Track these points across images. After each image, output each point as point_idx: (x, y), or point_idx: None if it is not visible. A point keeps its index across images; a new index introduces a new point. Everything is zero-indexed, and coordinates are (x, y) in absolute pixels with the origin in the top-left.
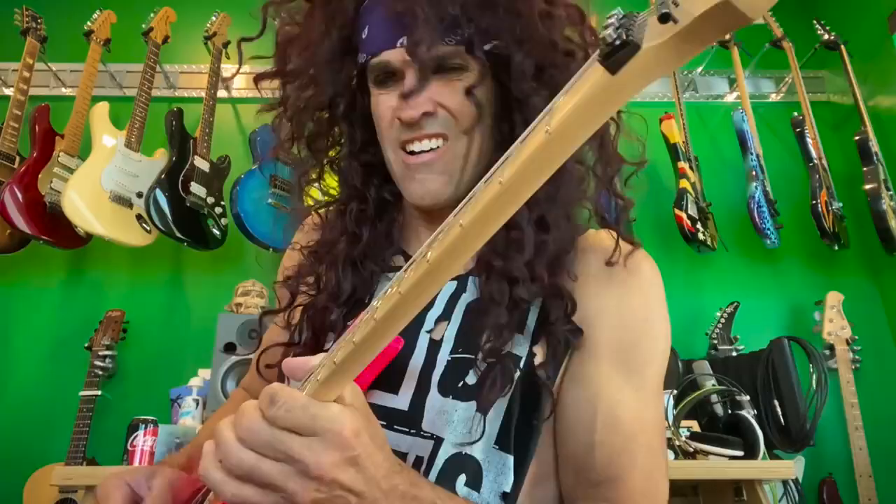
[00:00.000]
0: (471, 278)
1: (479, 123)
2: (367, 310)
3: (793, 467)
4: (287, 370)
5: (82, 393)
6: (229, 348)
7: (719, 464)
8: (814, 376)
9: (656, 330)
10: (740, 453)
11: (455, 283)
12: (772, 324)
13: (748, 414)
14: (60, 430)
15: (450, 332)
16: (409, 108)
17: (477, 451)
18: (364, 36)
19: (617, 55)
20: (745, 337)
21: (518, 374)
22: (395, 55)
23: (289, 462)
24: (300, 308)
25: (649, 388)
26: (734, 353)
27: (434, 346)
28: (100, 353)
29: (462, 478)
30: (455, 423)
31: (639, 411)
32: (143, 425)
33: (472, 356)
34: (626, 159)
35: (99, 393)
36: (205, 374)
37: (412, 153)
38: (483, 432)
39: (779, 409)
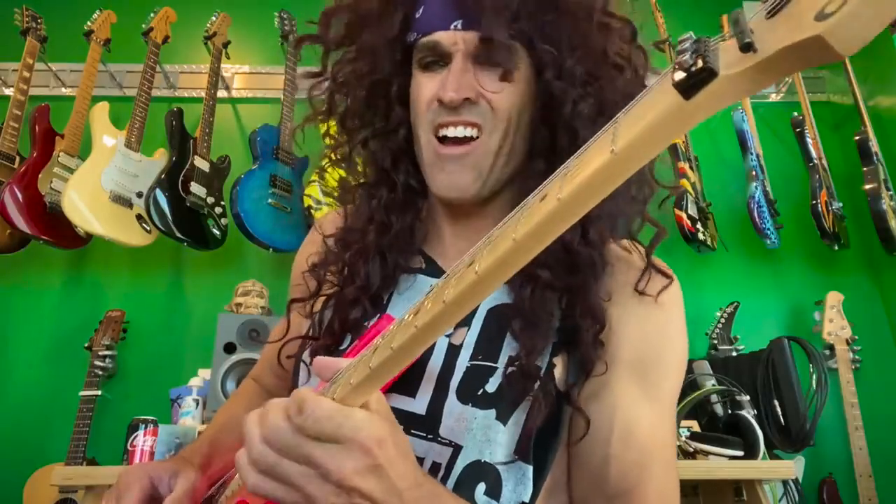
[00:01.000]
0: None
1: (517, 122)
2: (401, 318)
3: (793, 467)
4: (317, 369)
5: (82, 393)
6: (229, 348)
7: (719, 464)
8: (814, 376)
9: (676, 345)
10: (740, 453)
11: None
12: (772, 324)
13: (748, 414)
14: (60, 430)
15: (470, 337)
16: (451, 91)
17: (496, 460)
18: (418, 15)
19: (693, 81)
20: (745, 337)
21: (538, 384)
22: (447, 37)
23: (310, 464)
24: (322, 298)
25: (665, 404)
26: (734, 353)
27: (453, 350)
28: (100, 353)
29: (482, 486)
30: (474, 430)
31: (654, 426)
32: (143, 425)
33: (493, 364)
34: (660, 182)
35: (99, 393)
36: (205, 374)
37: (445, 140)
38: (502, 441)
39: (779, 409)
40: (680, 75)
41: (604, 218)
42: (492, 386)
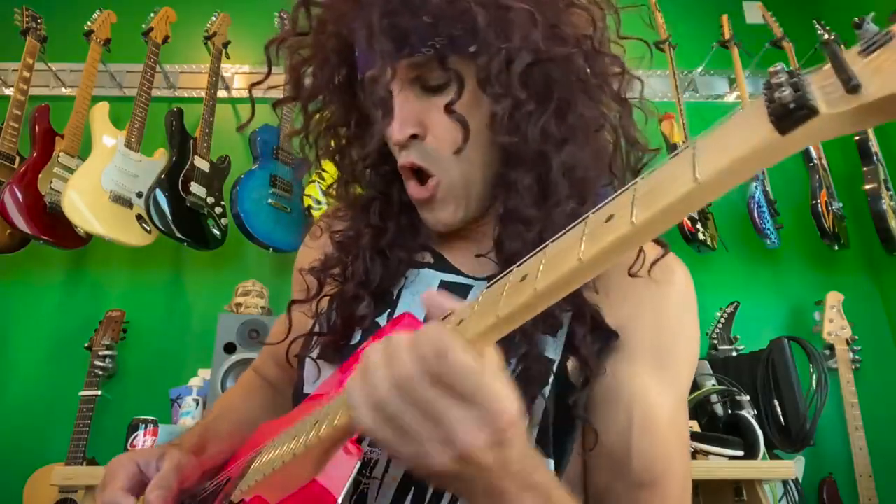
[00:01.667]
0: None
1: (475, 143)
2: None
3: (793, 467)
4: (428, 302)
5: (82, 393)
6: (229, 348)
7: (719, 464)
8: (814, 376)
9: (689, 333)
10: (740, 453)
11: (484, 282)
12: (772, 324)
13: (748, 414)
14: (60, 430)
15: None
16: (396, 133)
17: None
18: (357, 54)
19: (791, 117)
20: (745, 337)
21: (552, 378)
22: (379, 72)
23: (437, 425)
24: (326, 298)
25: (681, 393)
26: (734, 353)
27: None
28: (100, 353)
29: None
30: None
31: (673, 415)
32: (143, 425)
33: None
34: (646, 146)
35: (99, 393)
36: (205, 374)
37: (418, 171)
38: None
39: (779, 409)
40: (778, 110)
41: (600, 197)
42: None
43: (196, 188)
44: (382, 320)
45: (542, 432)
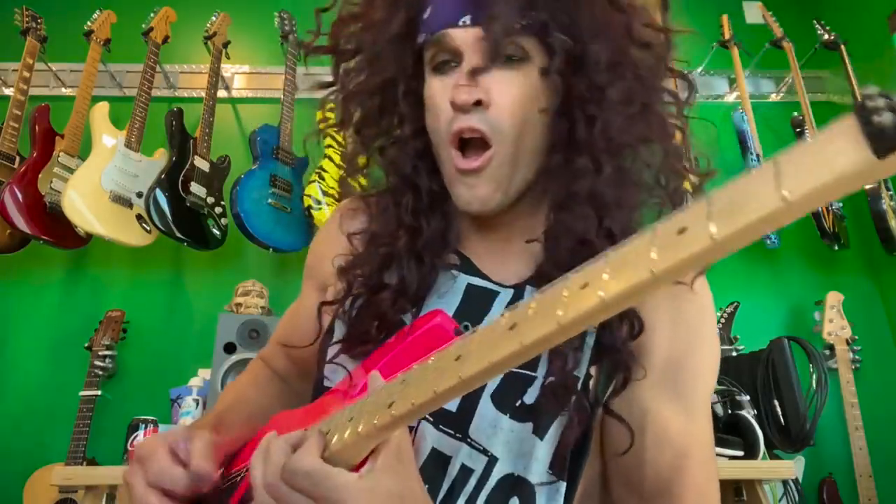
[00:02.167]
0: (528, 288)
1: (533, 123)
2: (437, 357)
3: (793, 467)
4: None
5: (82, 393)
6: (229, 348)
7: (719, 464)
8: (814, 376)
9: (707, 345)
10: (740, 453)
11: (511, 291)
12: (772, 324)
13: (748, 414)
14: (60, 430)
15: None
16: (463, 93)
17: (532, 476)
18: (426, 16)
19: (891, 141)
20: (745, 337)
21: (575, 397)
22: (457, 34)
23: None
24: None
25: (698, 404)
26: (734, 353)
27: None
28: (100, 353)
29: (514, 501)
30: (510, 442)
31: (688, 427)
32: (143, 425)
33: (532, 373)
34: (693, 170)
35: (99, 393)
36: (205, 374)
37: (464, 145)
38: (539, 457)
39: (779, 409)
40: (876, 134)
41: (625, 209)
42: (530, 397)
43: (196, 188)
44: (408, 318)
45: (559, 454)
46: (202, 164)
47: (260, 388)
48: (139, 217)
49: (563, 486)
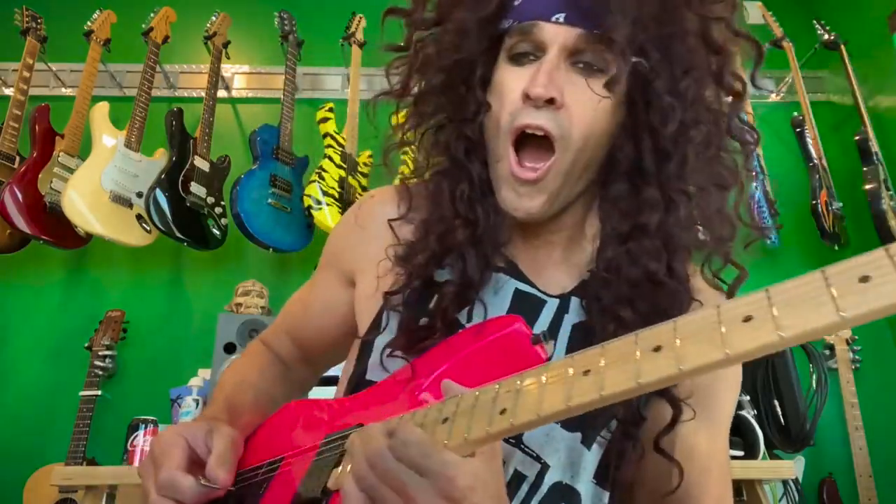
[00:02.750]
0: (573, 299)
1: (598, 137)
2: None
3: (793, 467)
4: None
5: (82, 393)
6: (229, 348)
7: None
8: (814, 376)
9: (732, 374)
10: (740, 453)
11: (557, 300)
12: None
13: (748, 414)
14: (60, 430)
15: (558, 352)
16: (540, 86)
17: (580, 485)
18: (518, 2)
19: None
20: None
21: (622, 410)
22: (548, 28)
23: (401, 496)
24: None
25: (721, 425)
26: None
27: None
28: (100, 353)
29: None
30: (560, 451)
31: (712, 447)
32: (143, 425)
33: None
34: (748, 223)
35: (99, 393)
36: (205, 374)
37: (524, 142)
38: (587, 467)
39: (779, 409)
40: None
41: (688, 250)
42: None
43: (196, 188)
44: (463, 318)
45: (604, 464)
46: (202, 164)
47: (263, 373)
48: (139, 217)
49: (606, 495)
